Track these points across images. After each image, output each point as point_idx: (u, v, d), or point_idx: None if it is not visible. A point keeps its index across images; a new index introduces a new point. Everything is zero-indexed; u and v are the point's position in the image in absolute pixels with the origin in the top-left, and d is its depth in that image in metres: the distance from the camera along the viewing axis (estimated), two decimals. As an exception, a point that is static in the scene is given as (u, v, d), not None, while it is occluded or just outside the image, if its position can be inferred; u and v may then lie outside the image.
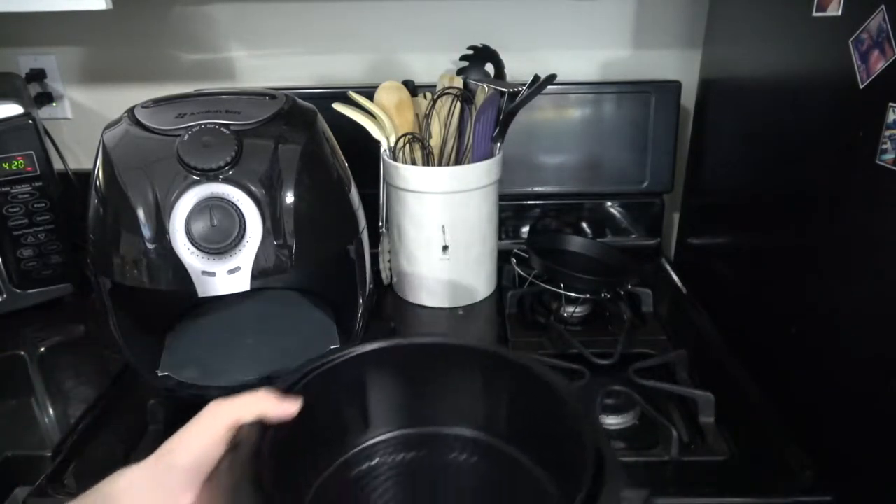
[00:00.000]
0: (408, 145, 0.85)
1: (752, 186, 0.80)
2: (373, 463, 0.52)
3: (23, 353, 0.84)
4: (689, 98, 1.01)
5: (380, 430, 0.54)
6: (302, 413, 0.45)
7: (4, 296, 0.90)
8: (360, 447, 0.53)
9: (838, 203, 0.61)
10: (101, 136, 0.66)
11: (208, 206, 0.60)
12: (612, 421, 0.68)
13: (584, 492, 0.38)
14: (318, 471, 0.49)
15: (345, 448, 0.52)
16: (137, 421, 0.71)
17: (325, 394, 0.49)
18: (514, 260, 0.96)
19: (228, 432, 0.43)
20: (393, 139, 0.86)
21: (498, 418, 0.53)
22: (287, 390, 0.46)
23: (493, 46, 0.90)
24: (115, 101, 0.99)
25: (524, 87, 0.80)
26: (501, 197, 0.90)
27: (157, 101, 0.69)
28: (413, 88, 0.92)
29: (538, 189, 1.05)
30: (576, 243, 0.98)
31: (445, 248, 0.86)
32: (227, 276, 0.61)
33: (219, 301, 0.78)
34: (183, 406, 0.51)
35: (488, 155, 0.85)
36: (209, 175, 0.61)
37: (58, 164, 0.94)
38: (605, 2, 1.01)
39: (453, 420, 0.54)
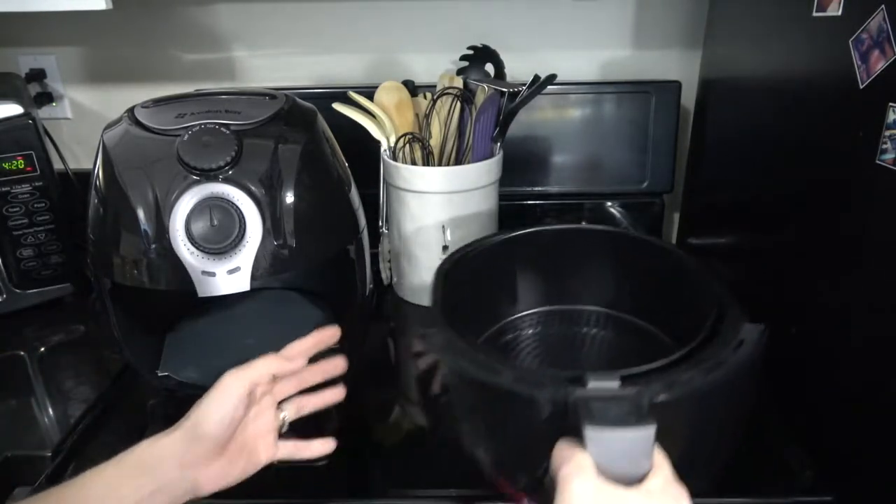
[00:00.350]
0: (408, 145, 0.85)
1: (752, 186, 0.80)
2: (519, 333, 0.66)
3: (23, 353, 0.84)
4: (689, 98, 1.01)
5: (525, 306, 0.67)
6: (470, 280, 0.59)
7: (4, 296, 0.90)
8: (510, 318, 0.66)
9: (838, 203, 0.61)
10: (101, 136, 0.66)
11: (208, 206, 0.60)
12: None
13: (707, 329, 0.47)
14: (479, 333, 0.62)
15: (497, 318, 0.66)
16: (137, 421, 0.71)
17: (485, 267, 0.62)
18: (514, 260, 0.96)
19: (245, 398, 0.50)
20: (393, 139, 0.86)
21: (624, 294, 0.65)
22: (457, 263, 0.59)
23: (493, 46, 0.90)
24: (115, 101, 1.00)
25: (524, 87, 0.80)
26: (501, 197, 0.90)
27: (157, 101, 0.69)
28: (413, 88, 0.91)
29: (538, 189, 1.05)
30: (576, 243, 0.98)
31: (445, 248, 0.86)
32: (227, 276, 0.61)
33: (219, 301, 0.78)
34: (183, 406, 0.51)
35: (488, 155, 0.85)
36: (209, 175, 0.61)
37: (58, 164, 0.94)
38: (605, 2, 1.01)
39: (587, 299, 0.67)
